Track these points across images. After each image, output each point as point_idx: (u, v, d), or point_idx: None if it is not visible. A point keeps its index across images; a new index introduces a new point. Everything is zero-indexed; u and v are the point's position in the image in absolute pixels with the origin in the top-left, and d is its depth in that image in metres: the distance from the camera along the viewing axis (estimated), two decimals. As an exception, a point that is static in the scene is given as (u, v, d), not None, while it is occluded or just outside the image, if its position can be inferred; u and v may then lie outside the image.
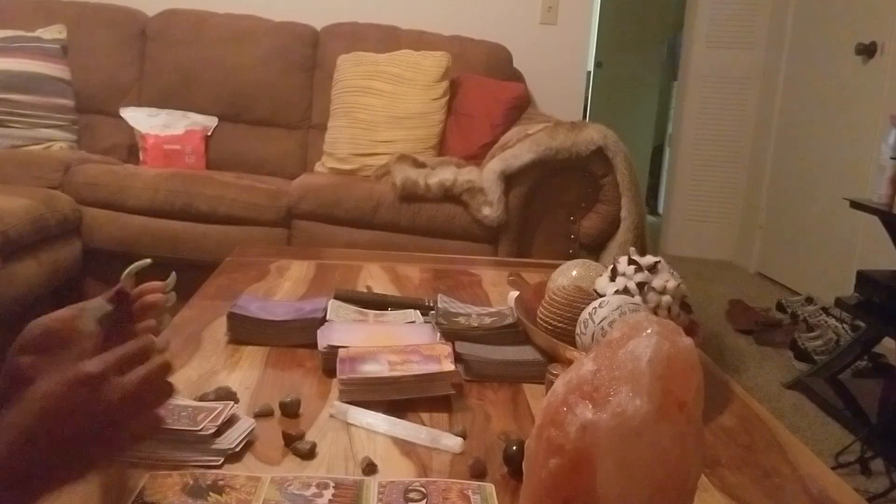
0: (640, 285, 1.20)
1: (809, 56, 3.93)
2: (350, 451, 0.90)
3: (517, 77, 3.28)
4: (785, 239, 4.07)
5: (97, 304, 0.74)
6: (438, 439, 0.93)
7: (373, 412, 0.98)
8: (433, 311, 1.34)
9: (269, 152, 3.12)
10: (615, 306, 1.11)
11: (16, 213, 2.16)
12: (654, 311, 1.19)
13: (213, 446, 0.86)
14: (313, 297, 1.41)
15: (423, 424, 0.97)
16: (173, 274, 0.86)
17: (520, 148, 2.44)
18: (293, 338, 1.22)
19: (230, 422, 0.90)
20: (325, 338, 1.17)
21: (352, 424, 0.97)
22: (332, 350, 1.11)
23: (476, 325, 1.26)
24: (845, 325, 2.93)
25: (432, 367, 1.06)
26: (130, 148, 3.03)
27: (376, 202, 2.49)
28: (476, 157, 2.78)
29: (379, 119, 2.95)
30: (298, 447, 0.88)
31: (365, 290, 1.50)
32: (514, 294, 1.38)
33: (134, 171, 2.63)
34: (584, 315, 1.13)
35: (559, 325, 1.18)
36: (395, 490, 0.81)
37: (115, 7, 3.20)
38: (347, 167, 2.94)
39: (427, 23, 3.28)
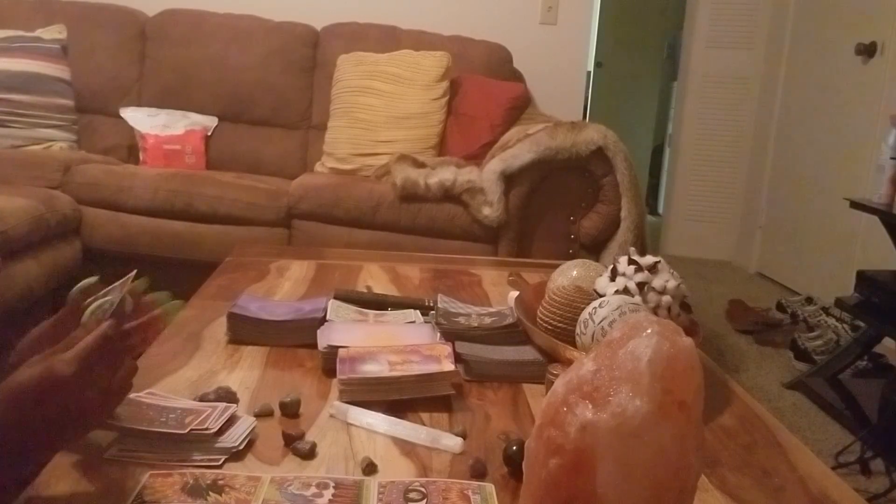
0: (640, 285, 1.20)
1: (809, 56, 3.93)
2: (350, 451, 0.90)
3: (517, 77, 3.28)
4: (785, 239, 4.07)
5: (100, 304, 0.79)
6: (438, 439, 0.93)
7: (373, 412, 0.98)
8: (433, 311, 1.34)
9: (269, 152, 3.12)
10: (615, 306, 1.11)
11: (16, 213, 2.16)
12: (654, 311, 1.19)
13: (217, 445, 0.86)
14: (313, 297, 1.41)
15: (423, 424, 0.97)
16: (136, 276, 0.93)
17: (520, 148, 2.44)
18: (293, 338, 1.22)
19: (230, 421, 0.90)
20: (325, 338, 1.17)
21: (352, 424, 0.97)
22: (332, 350, 1.11)
23: (476, 325, 1.26)
24: (845, 325, 2.93)
25: (432, 367, 1.06)
26: (130, 148, 3.03)
27: (376, 202, 2.49)
28: (476, 157, 2.78)
29: (379, 119, 2.95)
30: (298, 447, 0.88)
31: (365, 290, 1.50)
32: (514, 294, 1.37)
33: (134, 171, 2.63)
34: (584, 315, 1.13)
35: (559, 325, 1.18)
36: (395, 490, 0.81)
37: (115, 7, 3.20)
38: (347, 167, 2.94)
39: (427, 23, 3.28)
